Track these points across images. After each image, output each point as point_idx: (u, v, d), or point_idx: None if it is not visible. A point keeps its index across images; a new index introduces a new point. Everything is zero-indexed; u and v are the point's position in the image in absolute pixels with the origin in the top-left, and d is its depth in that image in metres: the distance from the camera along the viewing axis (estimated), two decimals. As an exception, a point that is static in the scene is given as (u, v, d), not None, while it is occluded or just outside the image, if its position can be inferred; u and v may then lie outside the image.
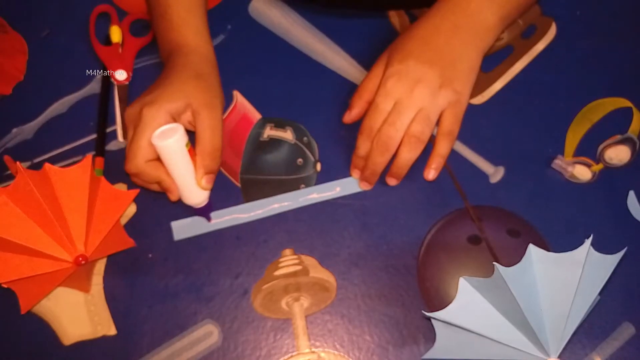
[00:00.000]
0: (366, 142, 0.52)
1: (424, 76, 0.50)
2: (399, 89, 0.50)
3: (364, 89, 0.54)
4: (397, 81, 0.50)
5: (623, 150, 0.55)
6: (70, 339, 0.50)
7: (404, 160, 0.51)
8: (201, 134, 0.49)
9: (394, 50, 0.53)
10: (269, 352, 0.49)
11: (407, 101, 0.50)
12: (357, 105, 0.55)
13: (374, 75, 0.54)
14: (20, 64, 0.60)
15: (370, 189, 0.54)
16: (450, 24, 0.51)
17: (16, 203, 0.44)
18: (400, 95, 0.50)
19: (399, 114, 0.50)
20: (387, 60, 0.53)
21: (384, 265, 0.52)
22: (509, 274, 0.38)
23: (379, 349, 0.49)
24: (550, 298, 0.39)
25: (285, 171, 0.55)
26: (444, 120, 0.51)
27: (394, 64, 0.51)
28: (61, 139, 0.57)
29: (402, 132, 0.50)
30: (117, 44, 0.60)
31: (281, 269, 0.51)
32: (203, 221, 0.53)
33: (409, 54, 0.51)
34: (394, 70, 0.51)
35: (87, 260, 0.46)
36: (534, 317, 0.39)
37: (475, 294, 0.41)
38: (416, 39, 0.52)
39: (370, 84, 0.54)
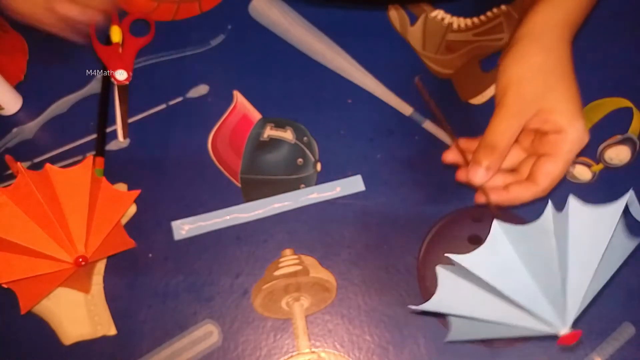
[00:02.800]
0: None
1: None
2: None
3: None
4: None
5: (623, 150, 0.55)
6: (70, 339, 0.50)
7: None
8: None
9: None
10: (269, 352, 0.49)
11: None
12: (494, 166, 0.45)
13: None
14: (21, 63, 0.60)
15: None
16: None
17: (17, 203, 0.44)
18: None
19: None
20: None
21: (384, 265, 0.52)
22: (467, 262, 0.37)
23: (379, 349, 0.49)
24: (534, 271, 0.37)
25: (285, 171, 0.55)
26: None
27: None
28: (61, 139, 0.57)
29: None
30: (117, 44, 0.60)
31: (281, 269, 0.51)
32: (203, 220, 0.53)
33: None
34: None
35: (87, 262, 0.46)
36: (524, 295, 0.37)
37: (455, 278, 0.39)
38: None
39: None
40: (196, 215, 0.53)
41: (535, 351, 0.49)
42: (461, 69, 0.59)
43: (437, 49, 0.60)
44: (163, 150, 0.56)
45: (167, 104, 0.58)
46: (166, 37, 0.61)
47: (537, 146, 0.45)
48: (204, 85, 0.59)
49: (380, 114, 0.57)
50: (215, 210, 0.54)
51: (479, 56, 0.60)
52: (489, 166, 0.44)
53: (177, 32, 0.62)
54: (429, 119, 0.57)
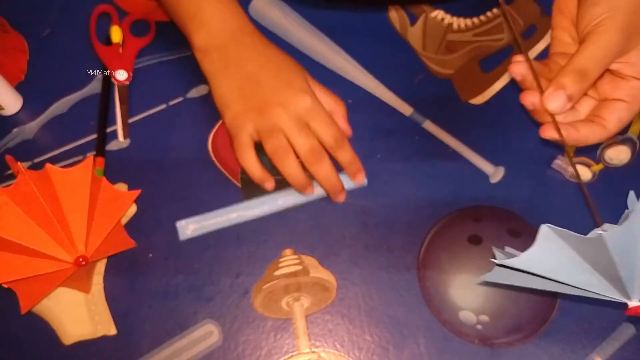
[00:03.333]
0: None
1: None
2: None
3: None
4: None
5: (623, 150, 0.55)
6: (71, 339, 0.50)
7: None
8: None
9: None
10: (269, 352, 0.49)
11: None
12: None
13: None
14: (21, 63, 0.60)
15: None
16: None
17: (17, 203, 0.44)
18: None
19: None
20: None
21: (384, 265, 0.52)
22: (612, 239, 0.34)
23: (379, 349, 0.49)
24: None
25: (285, 171, 0.55)
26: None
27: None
28: (62, 139, 0.57)
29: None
30: (117, 44, 0.60)
31: (281, 269, 0.51)
32: (208, 219, 0.53)
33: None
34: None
35: (87, 261, 0.46)
36: (629, 270, 0.36)
37: (558, 242, 0.36)
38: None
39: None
40: (198, 214, 0.53)
41: (535, 351, 0.49)
42: (461, 69, 0.59)
43: (437, 49, 0.60)
44: (163, 150, 0.56)
45: (168, 104, 0.58)
46: (167, 37, 0.61)
47: (607, 89, 0.42)
48: (204, 86, 0.59)
49: (380, 114, 0.57)
50: (218, 209, 0.54)
51: (479, 56, 0.60)
52: (573, 94, 0.39)
53: (177, 32, 0.61)
54: (429, 118, 0.57)
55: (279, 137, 0.49)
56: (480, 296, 0.50)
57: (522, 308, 0.50)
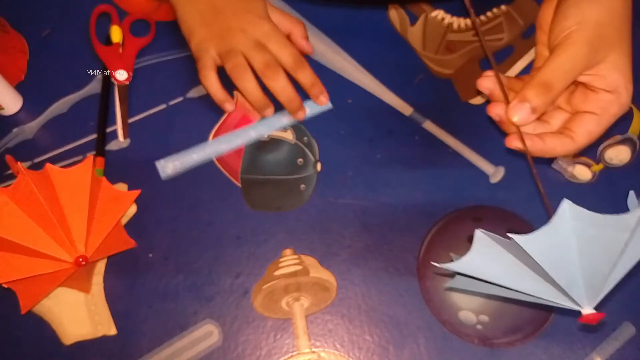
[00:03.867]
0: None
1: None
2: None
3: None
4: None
5: (623, 150, 0.55)
6: (71, 339, 0.50)
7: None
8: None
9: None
10: (269, 352, 0.49)
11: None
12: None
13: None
14: (21, 63, 0.60)
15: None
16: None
17: (17, 203, 0.44)
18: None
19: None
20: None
21: (384, 265, 0.52)
22: (528, 244, 0.34)
23: (379, 349, 0.49)
24: (588, 257, 0.35)
25: (285, 171, 0.55)
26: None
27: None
28: (62, 139, 0.57)
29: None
30: (117, 44, 0.60)
31: (281, 269, 0.51)
32: (186, 156, 0.55)
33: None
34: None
35: (87, 261, 0.46)
36: (564, 275, 0.36)
37: (494, 246, 0.37)
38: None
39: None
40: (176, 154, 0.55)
41: (535, 351, 0.49)
42: (461, 69, 0.59)
43: (437, 49, 0.60)
44: (163, 150, 0.56)
45: (168, 104, 0.58)
46: (166, 37, 0.61)
47: (578, 102, 0.42)
48: (204, 85, 0.59)
49: (380, 114, 0.57)
50: (194, 147, 0.55)
51: (479, 56, 0.60)
52: (536, 107, 0.40)
53: (177, 32, 0.61)
54: (429, 118, 0.57)
55: (237, 57, 0.51)
56: (480, 296, 0.50)
57: (522, 308, 0.50)
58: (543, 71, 0.40)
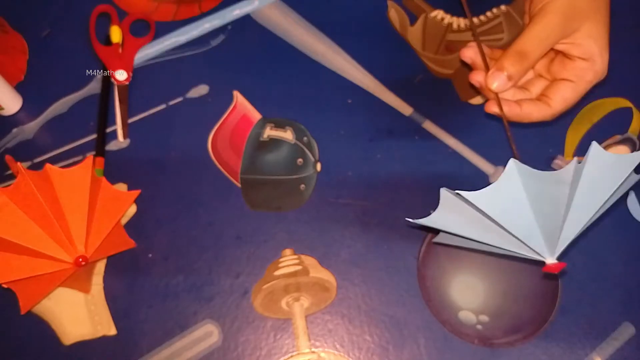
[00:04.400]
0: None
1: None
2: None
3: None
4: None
5: (623, 150, 0.55)
6: (71, 339, 0.50)
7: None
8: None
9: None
10: (269, 352, 0.49)
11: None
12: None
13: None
14: (21, 63, 0.60)
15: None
16: None
17: (17, 203, 0.44)
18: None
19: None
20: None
21: (384, 265, 0.52)
22: (480, 199, 0.36)
23: (379, 349, 0.49)
24: (540, 210, 0.37)
25: (285, 171, 0.55)
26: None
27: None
28: (61, 139, 0.57)
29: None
30: (117, 44, 0.60)
31: (281, 269, 0.51)
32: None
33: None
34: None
35: (87, 262, 0.46)
36: (522, 228, 0.37)
37: (459, 203, 0.39)
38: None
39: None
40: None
41: (535, 351, 0.49)
42: (461, 69, 0.59)
43: (437, 49, 0.60)
44: (163, 150, 0.56)
45: (167, 104, 0.58)
46: (166, 37, 0.61)
47: (556, 70, 0.44)
48: (204, 85, 0.59)
49: (380, 114, 0.57)
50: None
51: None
52: (512, 75, 0.42)
53: (177, 32, 0.62)
54: (429, 118, 0.57)
55: None
56: (480, 296, 0.50)
57: (522, 308, 0.50)
58: (519, 40, 0.41)
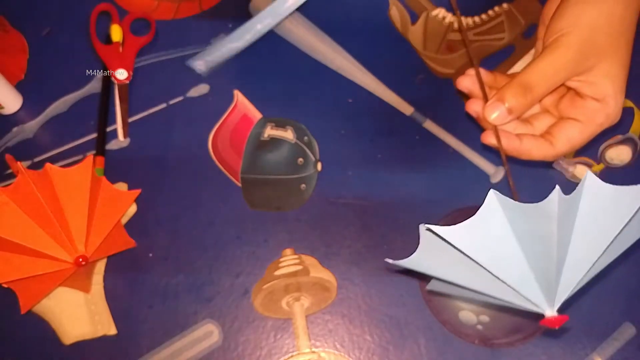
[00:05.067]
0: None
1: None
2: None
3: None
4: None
5: (624, 150, 0.55)
6: (71, 339, 0.50)
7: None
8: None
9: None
10: (269, 351, 0.49)
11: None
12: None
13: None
14: (21, 62, 0.60)
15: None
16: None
17: (17, 203, 0.44)
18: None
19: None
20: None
21: (384, 265, 0.52)
22: (456, 236, 0.32)
23: (379, 349, 0.49)
24: (530, 251, 0.32)
25: (285, 170, 0.55)
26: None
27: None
28: (62, 138, 0.57)
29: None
30: (117, 43, 0.60)
31: (281, 269, 0.51)
32: (216, 51, 0.57)
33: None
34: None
35: (87, 261, 0.46)
36: (512, 273, 0.33)
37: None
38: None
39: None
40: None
41: (535, 351, 0.49)
42: (462, 69, 0.59)
43: (438, 48, 0.60)
44: (163, 149, 0.56)
45: (168, 103, 0.58)
46: (167, 36, 0.61)
47: (565, 107, 0.40)
48: (204, 85, 0.59)
49: (381, 113, 0.57)
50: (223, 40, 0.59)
51: (479, 55, 0.60)
52: (513, 108, 0.38)
53: (177, 32, 0.61)
54: (430, 118, 0.57)
55: None
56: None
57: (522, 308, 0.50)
58: (525, 72, 0.38)
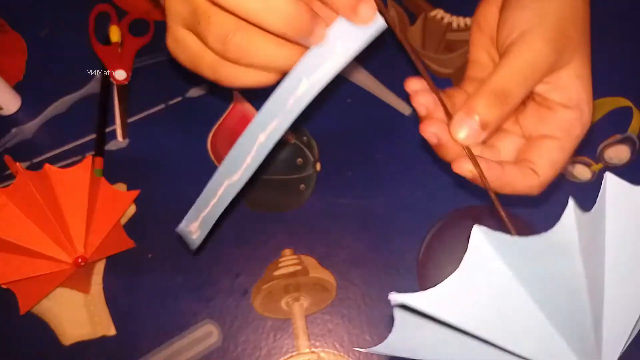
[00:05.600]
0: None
1: None
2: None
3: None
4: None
5: (623, 149, 0.55)
6: (70, 339, 0.50)
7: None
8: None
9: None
10: (269, 352, 0.49)
11: None
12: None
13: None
14: (20, 63, 0.60)
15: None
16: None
17: (16, 204, 0.44)
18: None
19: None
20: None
21: (384, 265, 0.52)
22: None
23: (379, 349, 0.49)
24: (550, 305, 0.23)
25: (284, 171, 0.55)
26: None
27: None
28: (60, 139, 0.57)
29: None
30: (116, 44, 0.60)
31: (281, 269, 0.51)
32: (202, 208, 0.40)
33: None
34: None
35: (86, 262, 0.46)
36: (528, 340, 0.24)
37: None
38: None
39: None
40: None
41: (535, 351, 0.49)
42: (461, 69, 0.59)
43: (437, 48, 0.60)
44: (162, 150, 0.56)
45: (167, 103, 0.58)
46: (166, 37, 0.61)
47: (532, 123, 0.34)
48: (203, 85, 0.59)
49: (380, 113, 0.57)
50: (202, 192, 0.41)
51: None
52: (487, 121, 0.30)
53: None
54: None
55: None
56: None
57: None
58: (497, 77, 0.31)
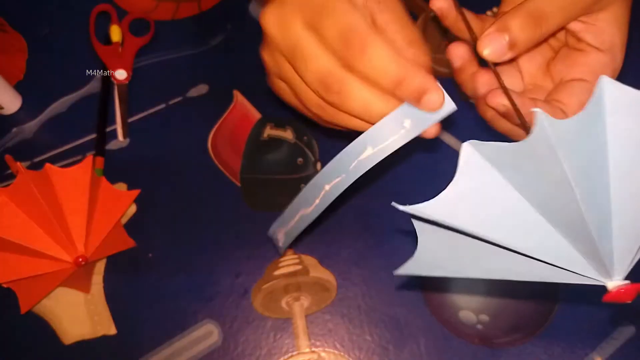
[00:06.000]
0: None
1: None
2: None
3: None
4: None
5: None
6: (70, 339, 0.50)
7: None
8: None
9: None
10: (269, 351, 0.49)
11: None
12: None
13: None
14: (20, 63, 0.60)
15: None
16: None
17: (17, 203, 0.44)
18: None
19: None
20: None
21: (384, 265, 0.52)
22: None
23: (379, 349, 0.49)
24: (549, 208, 0.24)
25: (285, 170, 0.55)
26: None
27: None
28: (61, 139, 0.57)
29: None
30: (117, 44, 0.60)
31: (281, 269, 0.51)
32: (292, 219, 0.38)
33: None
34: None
35: (86, 261, 0.46)
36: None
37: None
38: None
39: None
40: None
41: (535, 351, 0.49)
42: (461, 69, 0.59)
43: (437, 48, 0.60)
44: (163, 150, 0.56)
45: (167, 103, 0.58)
46: (166, 37, 0.61)
47: (562, 69, 0.33)
48: (203, 85, 0.59)
49: (380, 113, 0.57)
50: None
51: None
52: (517, 41, 0.29)
53: (177, 32, 0.62)
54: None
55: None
56: (480, 296, 0.50)
57: (521, 308, 0.50)
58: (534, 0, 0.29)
